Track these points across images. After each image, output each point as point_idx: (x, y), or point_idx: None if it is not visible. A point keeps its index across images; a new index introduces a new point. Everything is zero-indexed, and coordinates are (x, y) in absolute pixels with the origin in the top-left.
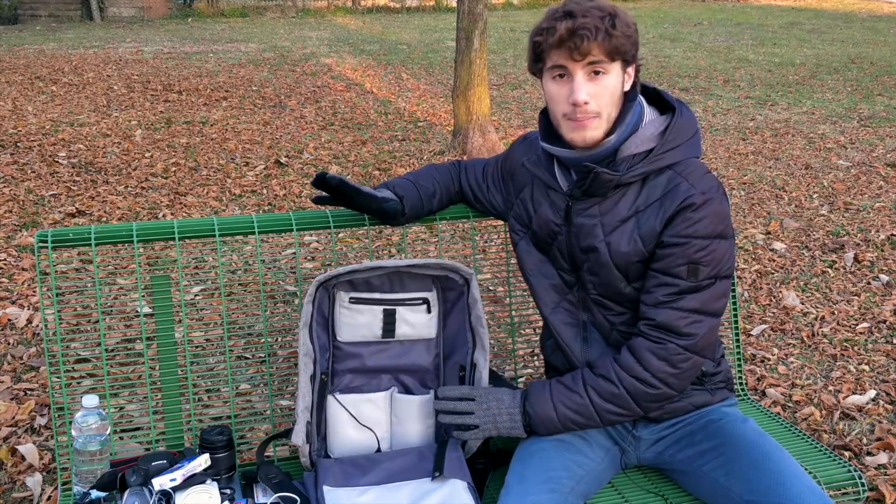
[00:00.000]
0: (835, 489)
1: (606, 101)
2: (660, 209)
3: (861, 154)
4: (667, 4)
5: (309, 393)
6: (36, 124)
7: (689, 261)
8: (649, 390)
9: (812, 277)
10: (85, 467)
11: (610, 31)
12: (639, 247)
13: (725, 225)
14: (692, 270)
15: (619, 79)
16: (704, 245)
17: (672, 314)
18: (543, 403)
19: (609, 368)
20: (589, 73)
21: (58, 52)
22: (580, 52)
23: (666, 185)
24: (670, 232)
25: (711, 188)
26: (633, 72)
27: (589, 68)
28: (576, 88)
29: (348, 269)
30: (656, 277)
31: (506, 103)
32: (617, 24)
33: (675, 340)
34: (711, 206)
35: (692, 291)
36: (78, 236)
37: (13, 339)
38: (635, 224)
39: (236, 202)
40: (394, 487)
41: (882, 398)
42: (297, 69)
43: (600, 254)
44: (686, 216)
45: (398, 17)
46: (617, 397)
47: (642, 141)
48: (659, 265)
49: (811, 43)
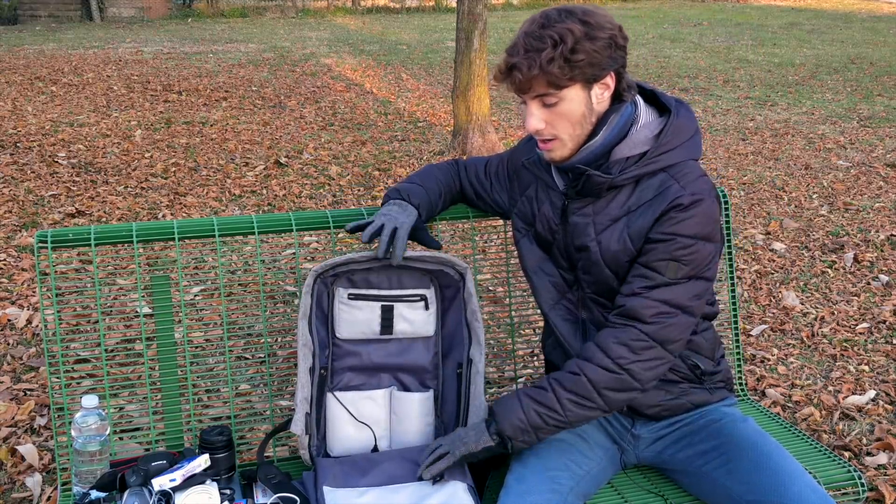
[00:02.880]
0: (834, 489)
1: (564, 125)
2: (650, 209)
3: (861, 154)
4: (667, 4)
5: (308, 384)
6: (36, 124)
7: (671, 257)
8: (611, 376)
9: (812, 278)
10: (85, 467)
11: (545, 66)
12: (628, 246)
13: (712, 228)
14: (672, 267)
15: (580, 100)
16: (689, 244)
17: (640, 302)
18: (510, 404)
19: (573, 363)
20: (540, 102)
21: (57, 53)
22: (520, 88)
23: (658, 186)
24: (657, 229)
25: (702, 190)
26: (612, 81)
27: (538, 100)
28: (527, 118)
29: (345, 259)
30: (637, 269)
31: (506, 103)
32: (558, 56)
33: (637, 326)
34: (700, 207)
35: (666, 285)
36: (78, 236)
37: (13, 339)
38: (625, 223)
39: (236, 202)
40: (394, 489)
41: (882, 398)
42: (297, 69)
43: (591, 252)
44: (673, 214)
45: (398, 18)
46: (579, 385)
47: (636, 144)
48: (642, 259)
49: (811, 43)
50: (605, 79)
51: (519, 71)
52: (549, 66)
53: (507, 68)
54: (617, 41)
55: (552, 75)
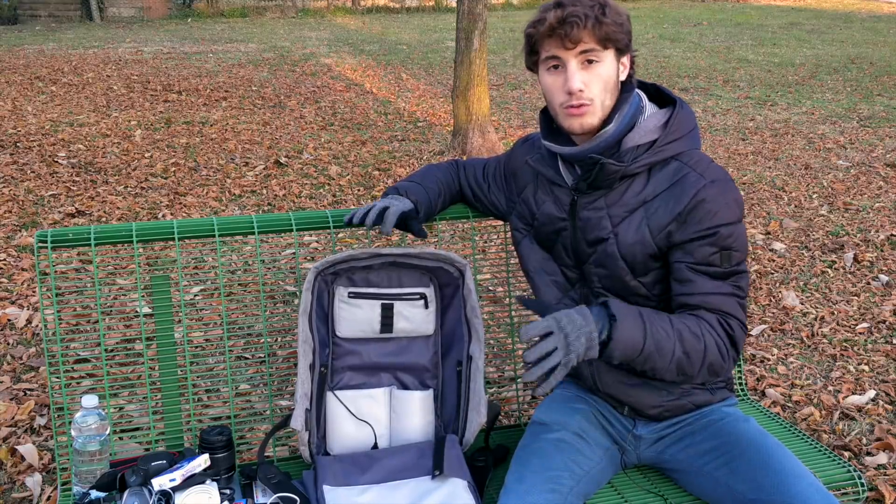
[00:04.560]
0: (834, 489)
1: (600, 88)
2: (669, 200)
3: (861, 154)
4: (667, 4)
5: (308, 380)
6: (35, 124)
7: (721, 247)
8: (716, 357)
9: (812, 277)
10: (84, 467)
11: (600, 18)
12: (646, 237)
13: (741, 208)
14: (725, 257)
15: (613, 67)
16: (731, 232)
17: (724, 300)
18: (633, 327)
19: (693, 321)
20: (582, 62)
21: (57, 53)
22: (571, 39)
23: (673, 175)
24: (694, 228)
25: (719, 177)
26: (629, 62)
27: (581, 57)
28: (570, 76)
29: (345, 256)
30: (687, 272)
31: (505, 103)
32: (607, 13)
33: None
34: (725, 193)
35: (732, 275)
36: (77, 236)
37: (13, 339)
38: (643, 215)
39: (236, 202)
40: (394, 486)
41: (881, 398)
42: (297, 69)
43: (608, 245)
44: (705, 209)
45: (398, 18)
46: (696, 352)
47: (645, 132)
48: (689, 260)
49: (811, 43)
50: (627, 55)
51: (577, 18)
52: (604, 18)
53: (562, 19)
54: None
55: (606, 27)
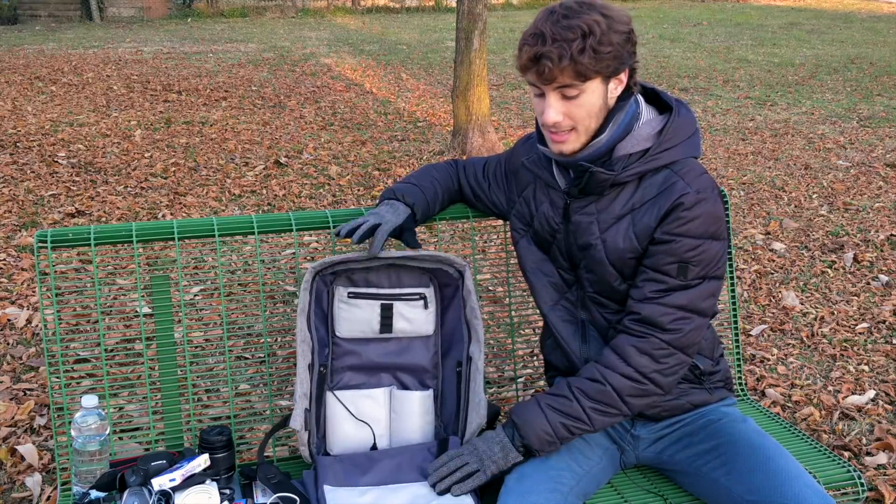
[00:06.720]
0: (834, 489)
1: (582, 116)
2: (654, 206)
3: (860, 154)
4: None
5: (307, 380)
6: (35, 124)
7: (680, 259)
8: (635, 385)
9: (811, 278)
10: (84, 467)
11: (576, 56)
12: (633, 244)
13: (718, 226)
14: (682, 269)
15: (599, 93)
16: (695, 245)
17: (657, 309)
18: (534, 415)
19: (593, 369)
20: (561, 95)
21: (57, 53)
22: (545, 78)
23: (662, 183)
24: (663, 229)
25: (706, 188)
26: (625, 77)
27: (559, 92)
28: (546, 110)
29: (343, 258)
30: (645, 273)
31: (505, 103)
32: (588, 47)
33: (658, 335)
34: (705, 206)
35: (680, 289)
36: (77, 236)
37: (13, 339)
38: (630, 221)
39: (236, 202)
40: (394, 489)
41: (881, 398)
42: (297, 69)
43: (596, 251)
44: (679, 214)
45: (398, 18)
46: (603, 394)
47: (638, 141)
48: (649, 261)
49: (811, 43)
50: (621, 74)
51: (549, 60)
52: (580, 56)
53: (535, 57)
54: (632, 37)
55: (582, 65)
